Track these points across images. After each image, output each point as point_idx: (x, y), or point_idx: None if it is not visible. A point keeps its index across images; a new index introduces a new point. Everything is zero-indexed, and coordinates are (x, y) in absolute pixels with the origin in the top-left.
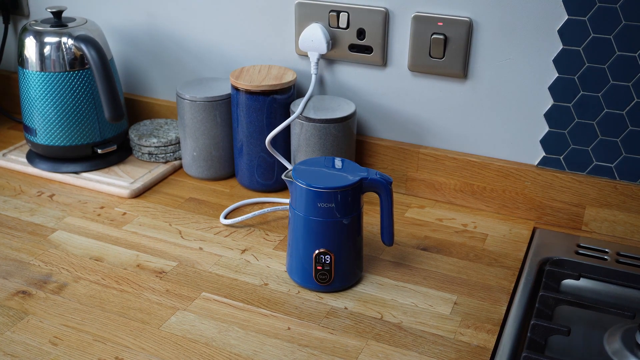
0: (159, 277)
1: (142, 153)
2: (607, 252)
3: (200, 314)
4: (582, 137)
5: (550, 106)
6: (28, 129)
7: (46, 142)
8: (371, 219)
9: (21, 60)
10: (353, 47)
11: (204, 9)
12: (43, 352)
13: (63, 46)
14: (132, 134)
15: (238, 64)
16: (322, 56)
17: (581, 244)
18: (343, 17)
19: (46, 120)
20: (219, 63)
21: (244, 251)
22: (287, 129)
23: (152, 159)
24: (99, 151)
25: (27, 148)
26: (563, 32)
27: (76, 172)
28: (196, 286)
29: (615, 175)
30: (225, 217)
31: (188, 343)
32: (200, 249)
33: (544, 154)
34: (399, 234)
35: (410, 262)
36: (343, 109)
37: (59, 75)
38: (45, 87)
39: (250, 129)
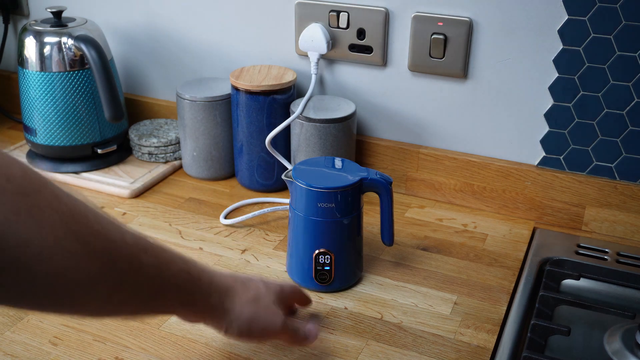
0: None
1: (142, 153)
2: (607, 252)
3: None
4: (582, 137)
5: (550, 106)
6: (28, 129)
7: (46, 142)
8: (371, 219)
9: (21, 60)
10: (353, 47)
11: (204, 9)
12: (43, 352)
13: (63, 46)
14: (132, 134)
15: (238, 64)
16: (322, 56)
17: (581, 244)
18: (343, 17)
19: (46, 120)
20: (219, 63)
21: (244, 251)
22: (287, 129)
23: (152, 159)
24: (99, 151)
25: (27, 148)
26: (563, 32)
27: (76, 172)
28: None
29: (615, 175)
30: (225, 217)
31: (188, 343)
32: (200, 249)
33: (544, 154)
34: (399, 234)
35: (410, 262)
36: (343, 109)
37: (59, 75)
38: (45, 87)
39: (250, 129)
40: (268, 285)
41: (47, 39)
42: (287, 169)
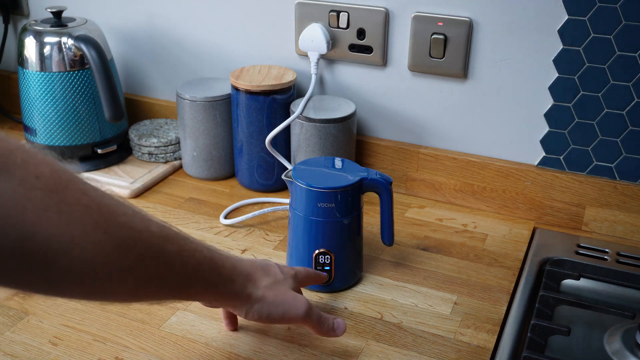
0: None
1: (142, 153)
2: (607, 252)
3: (200, 314)
4: (582, 137)
5: (550, 106)
6: (28, 129)
7: (46, 142)
8: (371, 219)
9: (21, 60)
10: (353, 47)
11: (204, 9)
12: (43, 352)
13: (63, 46)
14: (132, 134)
15: (238, 64)
16: (322, 56)
17: (581, 244)
18: (343, 17)
19: (46, 120)
20: (219, 63)
21: (244, 251)
22: (287, 129)
23: (152, 159)
24: (99, 151)
25: None
26: (563, 32)
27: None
28: None
29: (615, 175)
30: (225, 217)
31: (188, 343)
32: None
33: (544, 154)
34: (399, 234)
35: (410, 262)
36: (343, 109)
37: (59, 75)
38: (45, 87)
39: (250, 129)
40: (283, 270)
41: (47, 39)
42: (287, 169)
